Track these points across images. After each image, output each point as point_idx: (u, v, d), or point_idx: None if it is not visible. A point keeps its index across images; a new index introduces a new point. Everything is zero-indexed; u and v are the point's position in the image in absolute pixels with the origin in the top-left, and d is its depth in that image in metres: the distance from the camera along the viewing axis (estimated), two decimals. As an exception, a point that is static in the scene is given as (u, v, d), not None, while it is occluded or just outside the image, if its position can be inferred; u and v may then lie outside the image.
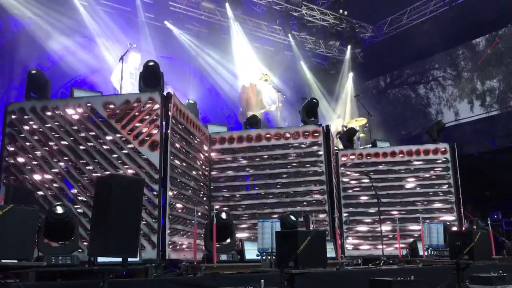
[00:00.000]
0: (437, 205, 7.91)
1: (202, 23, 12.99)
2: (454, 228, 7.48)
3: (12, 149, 5.63)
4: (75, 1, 10.66)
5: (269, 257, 4.14)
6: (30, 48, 9.95)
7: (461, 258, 5.05)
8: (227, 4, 12.43)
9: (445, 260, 5.49)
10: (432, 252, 5.73)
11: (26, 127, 5.66)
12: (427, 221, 6.98)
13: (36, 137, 5.61)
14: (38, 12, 10.10)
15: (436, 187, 7.99)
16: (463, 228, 7.57)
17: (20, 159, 5.59)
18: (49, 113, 5.65)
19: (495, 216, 10.38)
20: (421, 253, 6.56)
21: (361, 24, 15.00)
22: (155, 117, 5.42)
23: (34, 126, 5.65)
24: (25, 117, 5.69)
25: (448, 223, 7.22)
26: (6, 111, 5.79)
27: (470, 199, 8.26)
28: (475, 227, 7.33)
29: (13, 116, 5.73)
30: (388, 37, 15.17)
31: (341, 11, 13.64)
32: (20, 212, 3.03)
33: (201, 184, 6.69)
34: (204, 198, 6.79)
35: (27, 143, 5.61)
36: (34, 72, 6.07)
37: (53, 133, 5.58)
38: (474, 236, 5.10)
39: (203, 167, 6.88)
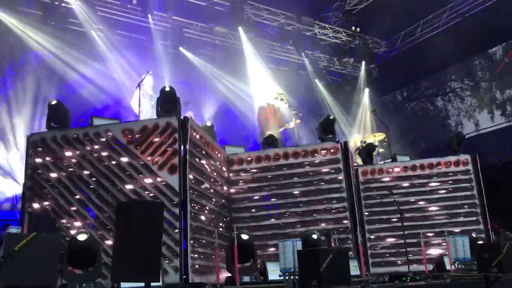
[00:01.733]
0: (462, 217, 7.74)
1: (216, 48, 13.20)
2: (481, 241, 7.29)
3: (35, 178, 5.74)
4: (92, 32, 10.97)
5: (292, 277, 4.10)
6: (50, 80, 10.22)
7: (490, 271, 4.91)
8: (240, 28, 12.61)
9: (473, 274, 5.34)
10: (459, 266, 5.59)
11: (48, 157, 5.77)
12: (453, 234, 6.83)
13: (57, 166, 5.71)
14: (56, 44, 10.41)
15: (460, 199, 7.83)
16: (491, 240, 7.37)
17: (43, 188, 5.69)
18: (69, 142, 5.76)
19: (523, 227, 10.07)
20: (448, 267, 6.40)
21: (374, 39, 15.03)
22: (173, 141, 5.48)
23: (56, 155, 5.76)
24: (47, 146, 5.81)
25: (474, 235, 7.04)
26: (28, 142, 5.93)
27: (494, 211, 8.05)
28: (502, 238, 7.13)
29: (35, 146, 5.86)
30: (402, 51, 15.14)
31: (353, 28, 13.70)
32: (43, 240, 3.08)
33: (221, 205, 6.70)
34: (225, 220, 6.78)
35: (49, 172, 5.72)
36: (54, 102, 6.25)
37: (74, 161, 5.68)
38: (502, 247, 4.97)
39: (222, 188, 6.89)
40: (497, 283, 5.03)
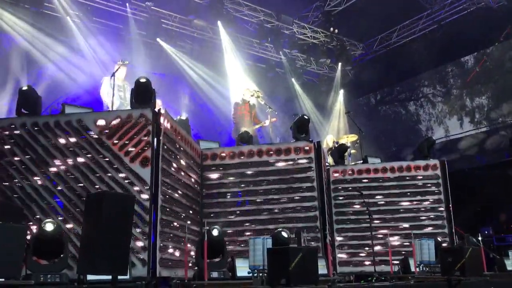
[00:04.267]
0: (428, 221, 7.93)
1: (194, 40, 13.08)
2: (445, 244, 7.49)
3: (1, 165, 5.58)
4: (68, 18, 10.72)
5: (261, 274, 4.12)
6: (21, 64, 9.95)
7: (452, 274, 5.05)
8: (219, 22, 12.53)
9: (436, 277, 5.49)
10: (424, 268, 5.73)
11: (16, 143, 5.62)
12: (419, 237, 6.98)
13: (26, 153, 5.57)
14: (30, 29, 10.14)
15: (427, 203, 8.02)
16: (455, 244, 7.58)
17: (9, 176, 5.54)
18: (39, 129, 5.62)
19: (486, 232, 10.40)
20: (413, 269, 6.55)
21: (352, 42, 15.19)
22: (146, 133, 5.42)
23: (24, 142, 5.61)
24: (15, 133, 5.66)
25: (439, 239, 7.22)
26: (-4, 127, 5.76)
27: (460, 215, 8.29)
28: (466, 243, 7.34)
29: (3, 132, 5.69)
30: (378, 54, 15.36)
31: (331, 29, 13.81)
32: (8, 229, 3.00)
33: (193, 200, 6.67)
34: (195, 215, 6.76)
35: (17, 159, 5.57)
36: (25, 88, 6.08)
37: (43, 149, 5.55)
38: (465, 252, 5.11)
39: (194, 183, 6.86)
40: (459, 286, 5.19)
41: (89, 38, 10.92)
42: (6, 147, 5.64)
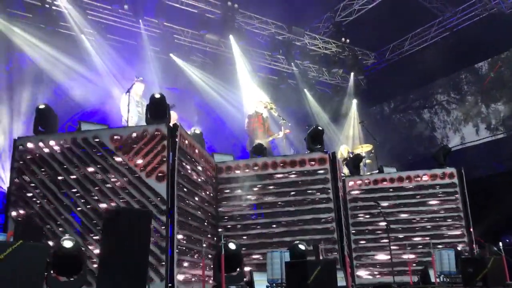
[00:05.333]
0: (447, 230, 7.81)
1: (206, 55, 13.21)
2: (465, 254, 7.36)
3: (20, 183, 5.66)
4: (82, 36, 10.91)
5: (279, 288, 4.10)
6: (38, 83, 10.12)
7: (474, 285, 4.95)
8: (231, 36, 12.64)
9: (458, 287, 5.39)
10: (445, 279, 5.63)
11: (34, 161, 5.71)
12: (438, 247, 6.88)
13: (44, 171, 5.64)
14: (46, 48, 10.32)
15: (445, 212, 7.91)
16: (475, 253, 7.45)
17: (29, 193, 5.62)
18: (57, 147, 5.70)
19: (507, 240, 10.20)
20: (433, 280, 6.45)
21: (363, 51, 15.18)
22: (161, 148, 5.46)
23: (42, 160, 5.69)
24: (33, 151, 5.74)
25: (458, 249, 7.10)
26: (15, 146, 5.86)
27: (479, 224, 8.15)
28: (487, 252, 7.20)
29: (21, 151, 5.79)
30: (391, 63, 15.32)
31: (343, 39, 13.84)
32: (30, 248, 3.03)
33: (208, 213, 6.67)
34: (212, 228, 6.75)
35: (35, 177, 5.65)
36: (42, 107, 6.18)
37: (60, 167, 5.62)
38: (487, 262, 5.02)
39: (210, 196, 6.87)
40: (480, 297, 5.09)
41: (104, 55, 11.08)
42: (23, 164, 5.72)
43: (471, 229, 7.71)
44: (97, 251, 5.09)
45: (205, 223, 6.45)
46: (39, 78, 10.17)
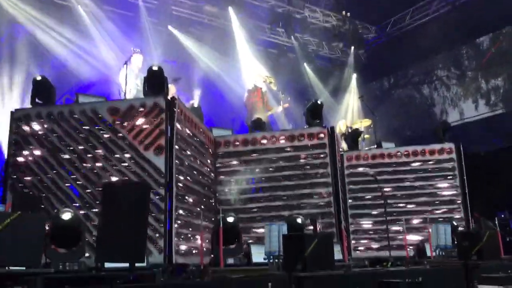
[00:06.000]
0: (444, 205, 7.87)
1: (205, 27, 12.99)
2: (461, 228, 7.44)
3: (18, 155, 5.65)
4: (78, 7, 10.72)
5: (277, 260, 4.13)
6: (34, 54, 9.99)
7: (469, 259, 5.01)
8: (230, 8, 12.44)
9: (453, 261, 5.46)
10: (440, 253, 5.70)
11: (32, 134, 5.68)
12: (436, 221, 6.95)
13: (41, 143, 5.62)
14: (42, 19, 10.16)
15: (443, 187, 7.96)
16: (470, 228, 7.53)
17: (26, 166, 5.60)
18: (54, 119, 5.66)
19: (502, 216, 10.30)
20: (429, 254, 6.52)
21: (364, 25, 14.97)
22: (159, 122, 5.43)
23: (40, 132, 5.67)
24: (31, 123, 5.71)
25: (454, 223, 7.17)
26: (12, 118, 5.82)
27: (476, 199, 8.21)
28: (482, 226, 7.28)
29: (18, 123, 5.75)
30: (392, 37, 15.12)
31: (344, 12, 13.63)
32: (28, 219, 3.04)
33: (207, 187, 6.69)
34: (210, 201, 6.78)
35: (33, 150, 5.63)
36: (39, 78, 6.12)
37: (58, 139, 5.59)
38: (482, 236, 5.06)
39: (208, 170, 6.87)
40: (476, 270, 5.15)
41: (100, 26, 10.90)
42: (21, 136, 5.69)
43: (468, 204, 7.77)
44: (95, 223, 5.12)
45: (203, 197, 6.48)
46: (35, 49, 10.03)
